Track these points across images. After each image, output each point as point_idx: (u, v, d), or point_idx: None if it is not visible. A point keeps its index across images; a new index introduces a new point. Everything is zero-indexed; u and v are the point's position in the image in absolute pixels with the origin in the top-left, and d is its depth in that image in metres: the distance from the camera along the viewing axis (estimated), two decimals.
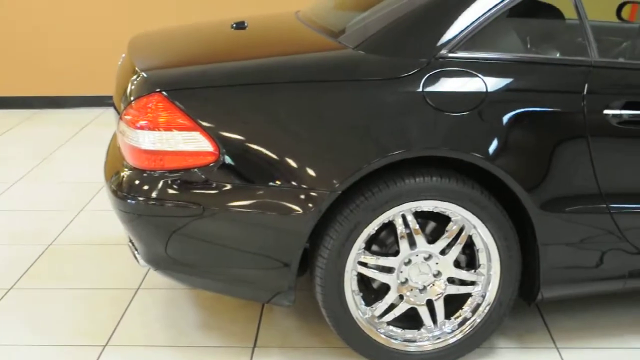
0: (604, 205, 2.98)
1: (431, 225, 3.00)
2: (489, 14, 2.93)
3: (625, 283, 3.13)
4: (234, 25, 3.42)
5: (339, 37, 3.12)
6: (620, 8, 4.29)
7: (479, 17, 2.93)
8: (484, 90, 2.86)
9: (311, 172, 2.80)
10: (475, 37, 2.92)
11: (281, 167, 2.81)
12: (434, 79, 2.85)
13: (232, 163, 2.82)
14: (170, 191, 2.85)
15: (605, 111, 2.92)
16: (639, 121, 2.95)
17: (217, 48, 3.37)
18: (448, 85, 2.86)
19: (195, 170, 2.83)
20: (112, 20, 7.14)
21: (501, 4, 2.95)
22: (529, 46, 3.34)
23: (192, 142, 2.82)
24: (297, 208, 2.79)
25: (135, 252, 3.08)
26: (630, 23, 4.21)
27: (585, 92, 2.92)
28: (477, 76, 2.87)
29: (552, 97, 2.94)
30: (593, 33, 3.04)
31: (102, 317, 3.49)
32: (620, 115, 2.93)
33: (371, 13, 3.19)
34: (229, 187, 2.83)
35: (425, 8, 3.01)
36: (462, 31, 2.91)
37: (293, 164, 2.80)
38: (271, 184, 2.81)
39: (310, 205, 2.78)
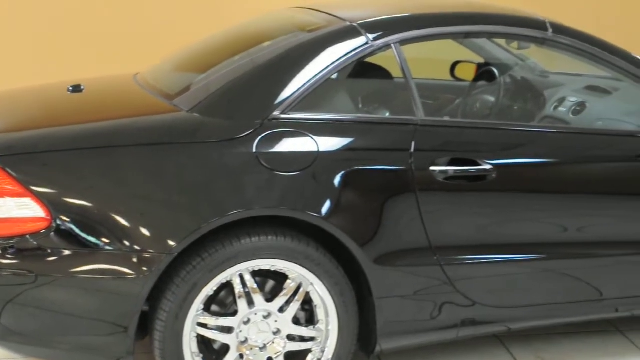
0: (435, 258, 3.11)
1: (270, 283, 3.04)
2: (319, 76, 3.06)
3: (458, 332, 3.25)
4: (70, 88, 3.40)
5: (174, 99, 3.15)
6: (453, 67, 4.49)
7: (310, 80, 3.04)
8: (316, 150, 2.95)
9: (148, 234, 2.81)
10: (306, 99, 3.03)
11: (116, 231, 2.80)
12: (266, 140, 2.92)
13: (66, 228, 2.79)
14: (2, 260, 2.79)
15: (432, 168, 3.06)
16: (463, 177, 3.11)
17: (52, 112, 3.34)
18: (280, 146, 2.94)
19: (28, 237, 2.78)
20: None
21: (331, 67, 3.08)
22: (360, 106, 3.48)
23: (23, 209, 2.78)
24: (133, 271, 2.78)
25: None
26: (462, 81, 4.41)
27: (412, 150, 3.05)
28: (309, 136, 2.96)
29: (381, 155, 3.07)
30: (420, 93, 3.19)
31: None
32: (446, 171, 3.07)
33: (206, 76, 3.26)
34: (64, 253, 2.80)
35: (257, 71, 3.11)
36: (293, 93, 3.01)
37: (129, 227, 2.80)
38: (107, 248, 2.79)
39: (146, 268, 2.78)
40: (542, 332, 3.70)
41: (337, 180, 2.96)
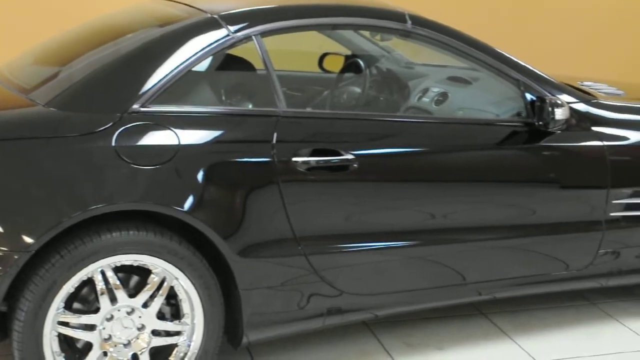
0: (299, 248, 3.13)
1: (134, 278, 3.00)
2: (179, 68, 3.03)
3: (324, 321, 3.29)
4: None
5: (30, 93, 3.06)
6: (322, 59, 4.53)
7: (170, 72, 3.01)
8: (177, 143, 2.93)
9: (3, 231, 2.73)
10: (167, 92, 3.00)
11: None
12: (126, 134, 2.88)
13: None
14: None
15: (294, 159, 3.08)
16: (326, 167, 3.14)
17: None
18: (140, 139, 2.90)
19: None
20: None
21: (191, 59, 3.06)
22: (222, 99, 3.46)
23: None
24: None
25: None
26: (329, 73, 4.45)
27: (274, 141, 3.06)
28: (169, 129, 2.94)
29: (244, 147, 3.07)
30: (285, 85, 3.21)
31: None
32: (308, 161, 3.10)
33: (63, 69, 3.18)
34: None
35: (115, 64, 3.06)
36: (153, 86, 2.98)
37: None
38: None
39: (1, 267, 2.70)
40: (409, 318, 3.77)
41: (199, 173, 2.95)
